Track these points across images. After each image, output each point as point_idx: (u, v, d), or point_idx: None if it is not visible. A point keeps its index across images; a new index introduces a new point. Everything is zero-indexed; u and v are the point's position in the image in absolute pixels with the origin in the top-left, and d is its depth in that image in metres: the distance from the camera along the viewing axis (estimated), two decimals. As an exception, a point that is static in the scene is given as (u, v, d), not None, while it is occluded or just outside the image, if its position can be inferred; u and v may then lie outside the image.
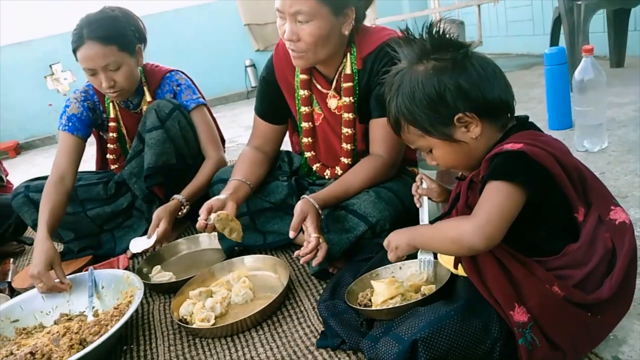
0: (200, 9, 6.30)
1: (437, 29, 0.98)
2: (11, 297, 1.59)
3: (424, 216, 1.18)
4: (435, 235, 0.98)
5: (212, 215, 1.36)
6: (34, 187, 1.87)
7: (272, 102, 1.61)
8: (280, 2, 1.31)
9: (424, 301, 1.06)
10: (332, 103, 1.51)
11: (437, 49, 0.98)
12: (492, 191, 0.89)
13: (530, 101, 2.96)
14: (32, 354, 1.20)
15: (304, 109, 1.54)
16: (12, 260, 2.05)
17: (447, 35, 0.99)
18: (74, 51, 1.70)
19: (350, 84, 1.44)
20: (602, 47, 3.32)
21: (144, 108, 1.88)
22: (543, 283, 0.89)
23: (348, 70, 1.44)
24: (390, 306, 1.08)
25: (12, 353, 1.24)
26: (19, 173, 4.00)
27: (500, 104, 0.97)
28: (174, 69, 1.97)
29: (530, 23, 4.50)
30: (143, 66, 1.89)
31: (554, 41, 3.31)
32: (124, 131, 1.96)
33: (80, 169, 1.89)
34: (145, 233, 1.68)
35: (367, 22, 1.52)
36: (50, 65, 5.86)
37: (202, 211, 1.38)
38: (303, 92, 1.52)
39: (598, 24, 3.35)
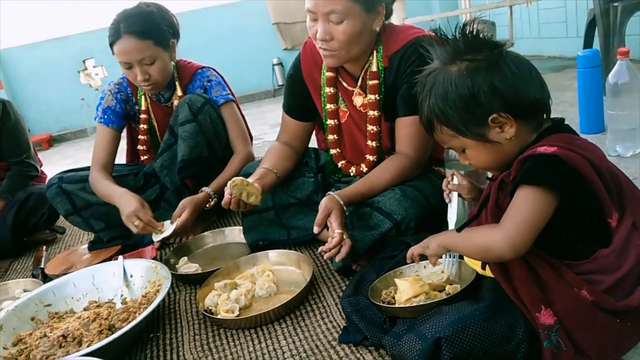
0: (230, 7, 6.38)
1: (471, 29, 0.98)
2: (44, 283, 1.65)
3: (452, 212, 1.18)
4: (466, 241, 0.98)
5: (228, 182, 1.39)
6: (67, 178, 1.93)
7: (299, 99, 1.63)
8: (312, 3, 1.32)
9: (448, 300, 1.06)
10: (358, 100, 1.51)
11: (470, 49, 0.97)
12: (522, 198, 0.88)
13: (562, 104, 2.90)
14: (64, 336, 1.25)
15: (330, 107, 1.55)
16: (44, 247, 2.13)
17: (481, 36, 0.98)
18: (111, 45, 1.76)
19: (376, 81, 1.45)
20: (637, 50, 3.23)
21: (175, 102, 1.93)
22: (572, 286, 0.88)
23: (374, 68, 1.44)
24: (415, 304, 1.09)
25: (45, 335, 1.29)
26: (51, 164, 4.13)
27: (535, 103, 0.96)
28: (205, 66, 2.01)
29: (564, 25, 4.40)
30: (176, 62, 1.94)
31: (588, 43, 3.23)
32: (155, 123, 2.01)
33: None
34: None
35: (396, 22, 1.53)
36: (83, 61, 6.03)
37: (227, 187, 1.41)
38: (329, 90, 1.54)
39: (634, 26, 3.26)
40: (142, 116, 1.98)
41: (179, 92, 1.94)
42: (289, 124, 1.68)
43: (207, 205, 1.78)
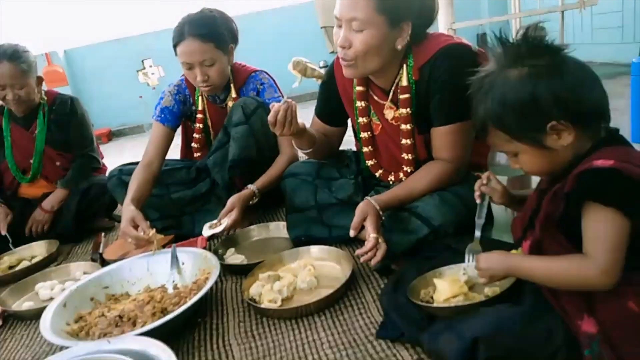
0: (280, 11, 6.54)
1: (533, 34, 0.95)
2: (102, 267, 1.77)
3: (482, 213, 1.19)
4: (545, 271, 0.93)
5: (290, 64, 1.43)
6: (126, 170, 2.07)
7: (331, 106, 1.68)
8: (338, 9, 1.34)
9: (487, 302, 1.07)
10: (389, 114, 1.52)
11: (531, 53, 0.94)
12: (600, 222, 0.86)
13: (613, 112, 2.78)
14: (120, 317, 1.35)
15: (362, 120, 1.58)
16: (103, 234, 2.27)
17: (543, 41, 0.95)
18: (175, 46, 1.88)
19: (407, 95, 1.44)
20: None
21: (229, 103, 2.03)
22: (618, 297, 0.86)
23: (404, 82, 1.44)
24: (453, 304, 1.10)
25: (103, 314, 1.40)
26: (110, 157, 4.36)
27: (595, 111, 0.94)
28: (259, 69, 2.10)
29: (619, 30, 4.23)
30: (232, 65, 2.03)
31: (647, 50, 3.10)
32: (209, 123, 2.11)
33: (167, 157, 2.08)
34: None
35: (444, 27, 1.53)
36: (142, 61, 6.33)
37: (273, 109, 1.44)
38: (360, 104, 1.56)
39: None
40: (199, 116, 2.09)
41: (233, 94, 2.04)
42: (318, 125, 1.73)
43: (251, 202, 1.86)
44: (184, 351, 1.29)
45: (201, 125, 2.11)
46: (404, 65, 1.44)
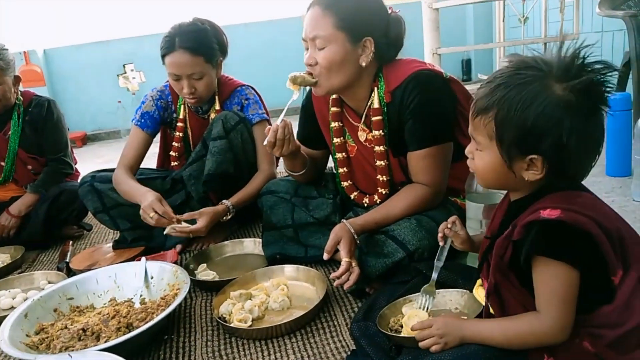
0: (268, 24, 6.56)
1: (582, 60, 0.88)
2: (68, 277, 1.72)
3: (442, 256, 1.20)
4: (501, 335, 0.93)
5: (289, 76, 1.45)
6: (99, 177, 2.02)
7: (311, 129, 1.70)
8: (303, 30, 1.41)
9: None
10: (362, 136, 1.55)
11: (578, 78, 0.86)
12: (549, 277, 0.87)
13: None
14: (83, 330, 1.31)
15: (337, 140, 1.60)
16: (71, 242, 2.21)
17: (593, 75, 0.87)
18: (163, 56, 1.86)
19: (379, 117, 1.47)
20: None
21: (212, 115, 2.01)
22: (573, 337, 0.88)
23: (376, 104, 1.46)
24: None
25: (66, 327, 1.35)
26: (84, 162, 4.26)
27: (579, 176, 0.93)
28: (245, 84, 2.10)
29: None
30: (218, 77, 2.02)
31: (621, 86, 3.21)
32: (189, 132, 2.10)
33: (142, 165, 2.04)
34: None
35: (429, 52, 1.56)
36: (123, 65, 6.25)
37: (270, 133, 1.46)
38: (335, 124, 1.58)
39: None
40: (179, 124, 2.07)
41: (217, 107, 2.03)
42: (305, 151, 1.73)
43: (224, 218, 1.84)
44: (148, 370, 1.25)
45: (181, 134, 2.08)
46: (375, 88, 1.46)
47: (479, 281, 1.11)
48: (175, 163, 2.13)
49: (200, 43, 1.84)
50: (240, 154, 1.94)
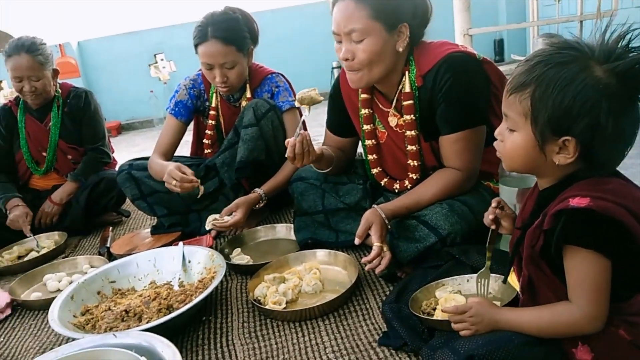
0: (296, 10, 6.55)
1: (627, 42, 0.86)
2: (109, 261, 1.79)
3: (494, 240, 1.17)
4: (533, 323, 0.94)
5: (297, 96, 1.52)
6: (136, 165, 2.09)
7: (340, 118, 1.70)
8: (335, 24, 1.38)
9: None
10: (393, 121, 1.54)
11: (619, 60, 0.84)
12: (582, 266, 0.86)
13: None
14: (126, 311, 1.37)
15: (366, 127, 1.60)
16: (111, 228, 2.30)
17: (637, 59, 0.84)
18: (196, 45, 1.89)
19: (410, 101, 1.46)
20: None
21: (243, 103, 2.05)
22: (608, 325, 0.88)
23: (407, 89, 1.45)
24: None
25: (110, 309, 1.42)
26: (119, 151, 4.40)
27: (609, 164, 0.91)
28: (275, 72, 2.12)
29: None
30: (249, 65, 2.05)
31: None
32: (222, 120, 2.14)
33: (176, 153, 2.10)
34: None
35: (459, 33, 1.53)
36: (154, 55, 6.37)
37: (288, 145, 1.49)
38: (365, 111, 1.58)
39: None
40: (211, 112, 2.12)
41: (248, 94, 2.06)
42: (330, 138, 1.76)
43: (257, 206, 1.90)
44: (188, 349, 1.30)
45: (213, 122, 2.13)
46: (407, 72, 1.46)
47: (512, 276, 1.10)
48: (209, 150, 2.18)
49: (232, 32, 1.87)
50: (271, 141, 1.96)
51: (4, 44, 2.29)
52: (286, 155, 1.50)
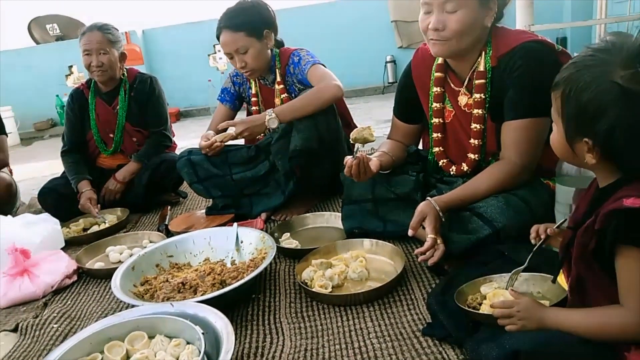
0: (352, 3, 6.54)
1: None
2: (167, 237, 1.90)
3: (538, 248, 1.18)
4: (581, 328, 0.92)
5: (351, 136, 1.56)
6: (195, 151, 2.19)
7: (408, 104, 1.72)
8: None
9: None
10: (463, 100, 1.55)
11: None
12: (635, 269, 0.84)
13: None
14: (182, 284, 1.46)
15: (436, 105, 1.60)
16: (169, 207, 2.42)
17: None
18: (218, 39, 2.05)
19: (482, 80, 1.47)
20: None
21: (276, 86, 2.16)
22: None
23: (481, 68, 1.47)
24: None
25: (167, 280, 1.51)
26: (178, 137, 4.58)
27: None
28: (298, 48, 2.19)
29: None
30: (280, 49, 2.15)
31: None
32: (262, 105, 2.25)
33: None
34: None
35: (521, 28, 1.52)
36: (214, 45, 6.57)
37: (347, 159, 1.54)
38: (436, 89, 1.59)
39: None
40: (253, 99, 2.24)
41: (278, 78, 2.15)
42: (398, 126, 1.78)
43: (268, 126, 1.97)
44: (238, 323, 1.37)
45: (256, 108, 2.25)
46: (483, 52, 1.47)
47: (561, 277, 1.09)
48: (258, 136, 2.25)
49: (240, 19, 1.99)
50: (324, 132, 2.01)
51: (77, 31, 2.46)
52: (344, 172, 1.56)
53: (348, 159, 1.54)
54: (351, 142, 1.59)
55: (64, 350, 1.11)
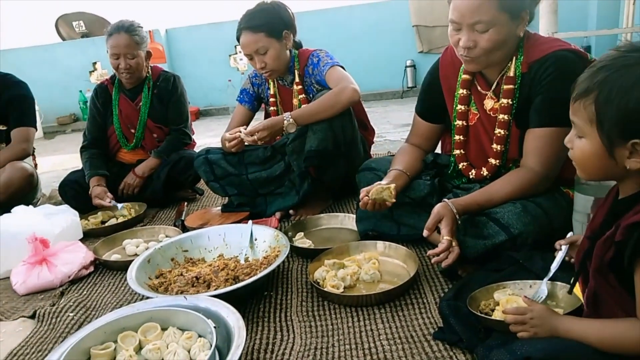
0: (373, 7, 6.54)
1: None
2: (183, 232, 1.92)
3: (556, 264, 1.18)
4: (593, 338, 0.91)
5: (370, 193, 1.52)
6: (212, 150, 2.22)
7: (432, 101, 1.70)
8: (457, 14, 1.36)
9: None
10: (488, 104, 1.53)
11: None
12: None
13: None
14: (196, 278, 1.48)
15: (460, 107, 1.59)
16: (186, 203, 2.46)
17: None
18: (238, 41, 2.08)
19: (511, 86, 1.45)
20: None
21: (294, 87, 2.17)
22: None
23: (511, 73, 1.45)
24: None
25: (181, 274, 1.53)
26: (197, 135, 4.64)
27: None
28: (317, 49, 2.20)
29: None
30: (299, 50, 2.17)
31: None
32: (281, 106, 2.26)
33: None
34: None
35: (544, 34, 1.49)
36: (235, 46, 6.62)
37: (362, 191, 1.54)
38: (462, 91, 1.58)
39: None
40: (271, 99, 2.25)
41: (296, 78, 2.17)
42: (419, 126, 1.76)
43: (286, 128, 1.97)
44: (250, 319, 1.38)
45: (274, 108, 2.26)
46: (514, 58, 1.45)
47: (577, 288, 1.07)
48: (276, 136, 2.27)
49: (259, 20, 2.01)
50: (339, 133, 2.02)
51: (102, 28, 2.51)
52: (359, 205, 1.57)
53: (362, 200, 1.54)
54: (369, 198, 1.54)
55: (78, 338, 1.13)
